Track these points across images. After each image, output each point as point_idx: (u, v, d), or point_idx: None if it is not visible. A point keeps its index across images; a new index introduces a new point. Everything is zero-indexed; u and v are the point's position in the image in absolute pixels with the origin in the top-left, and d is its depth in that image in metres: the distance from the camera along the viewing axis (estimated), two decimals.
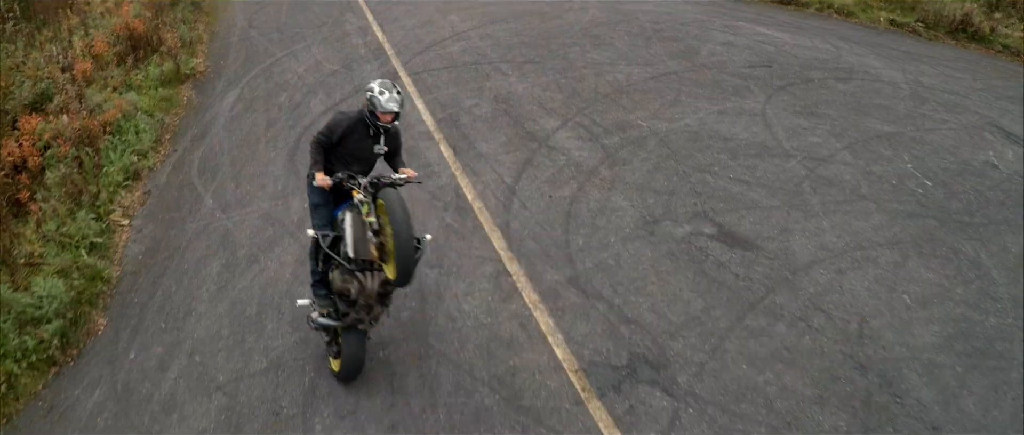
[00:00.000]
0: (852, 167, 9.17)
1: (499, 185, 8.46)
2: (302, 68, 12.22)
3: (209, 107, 11.31)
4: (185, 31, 13.55)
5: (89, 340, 7.03)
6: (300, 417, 5.61)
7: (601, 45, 12.61)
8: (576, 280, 6.94)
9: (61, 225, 8.04)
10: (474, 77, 11.33)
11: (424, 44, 12.83)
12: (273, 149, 9.74)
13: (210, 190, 9.02)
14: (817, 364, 6.07)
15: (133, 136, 10.05)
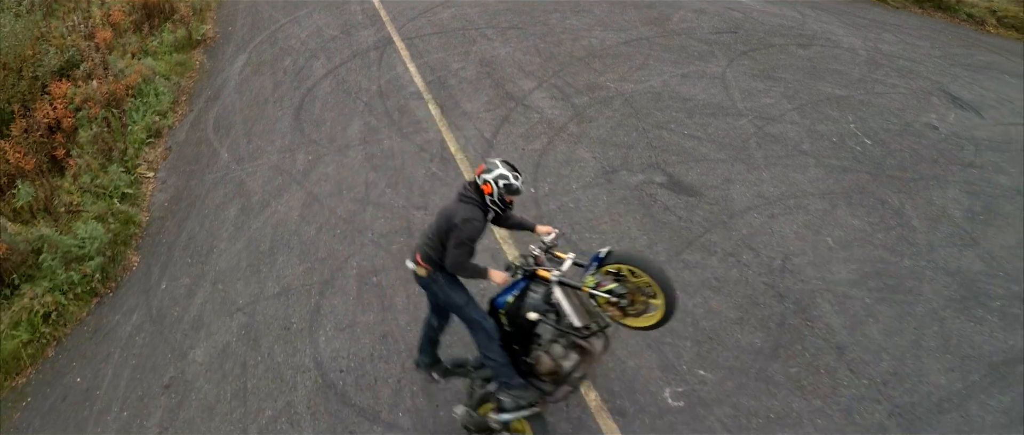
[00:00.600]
0: (798, 126, 10.17)
1: (479, 139, 9.52)
2: (305, 33, 13.19)
3: (220, 71, 12.32)
4: (198, 2, 14.53)
5: (125, 275, 8.18)
6: (307, 330, 6.77)
7: (580, 11, 13.54)
8: (540, 220, 8.05)
9: (95, 178, 9.15)
10: (461, 42, 12.31)
11: (417, 10, 13.77)
12: (280, 108, 10.78)
13: (225, 145, 10.10)
14: (741, 292, 7.18)
15: (153, 98, 11.10)
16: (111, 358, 7.06)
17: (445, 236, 5.26)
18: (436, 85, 10.91)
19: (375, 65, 11.63)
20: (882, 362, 6.56)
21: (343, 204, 8.48)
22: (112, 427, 6.36)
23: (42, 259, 7.76)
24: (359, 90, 10.94)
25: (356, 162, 9.23)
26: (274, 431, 5.85)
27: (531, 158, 9.07)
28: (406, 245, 7.68)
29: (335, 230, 8.07)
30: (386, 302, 6.96)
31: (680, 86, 10.86)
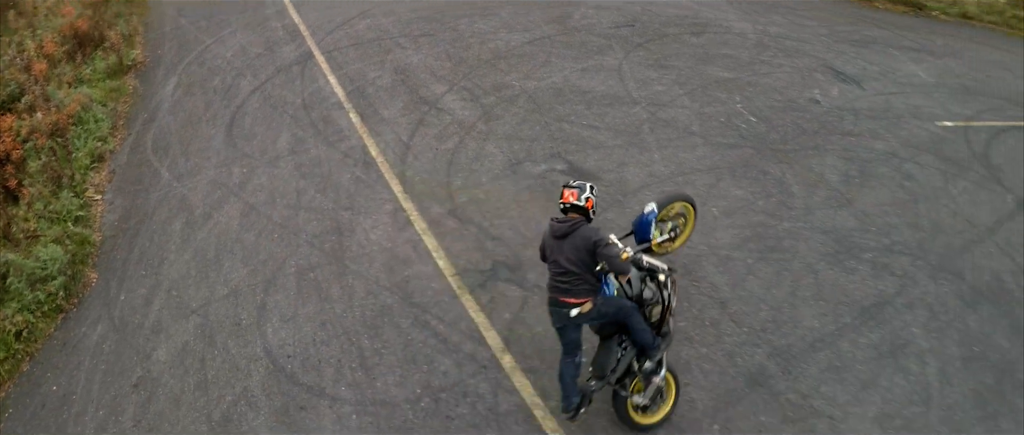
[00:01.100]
0: (688, 110, 11.33)
1: (397, 143, 10.43)
2: (230, 53, 13.81)
3: (153, 94, 12.87)
4: (123, 25, 14.93)
5: (86, 291, 8.85)
6: (255, 325, 7.62)
7: (487, 15, 14.49)
8: (454, 211, 9.02)
9: (48, 204, 9.74)
10: (377, 52, 13.14)
11: (335, 24, 14.52)
12: (213, 126, 11.47)
13: (165, 164, 10.76)
14: None
15: (93, 124, 11.63)
16: (82, 366, 7.78)
17: (591, 260, 5.64)
18: (355, 94, 11.75)
19: (298, 79, 12.39)
20: (761, 312, 7.72)
21: (278, 211, 9.30)
22: (90, 426, 7.12)
23: (9, 283, 8.39)
24: (285, 104, 11.70)
25: (287, 172, 10.04)
26: (235, 413, 6.72)
27: (444, 157, 10.03)
28: (338, 244, 8.58)
29: (272, 235, 8.89)
30: (323, 294, 7.87)
31: (580, 80, 11.94)
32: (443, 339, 7.26)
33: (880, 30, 15.05)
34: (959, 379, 7.01)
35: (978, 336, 7.55)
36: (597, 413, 6.43)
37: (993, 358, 7.26)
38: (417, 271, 8.14)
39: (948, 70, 13.60)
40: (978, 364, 7.21)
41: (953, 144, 10.96)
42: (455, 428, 6.35)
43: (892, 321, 7.62)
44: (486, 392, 6.70)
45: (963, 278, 8.31)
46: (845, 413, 6.58)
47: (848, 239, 8.73)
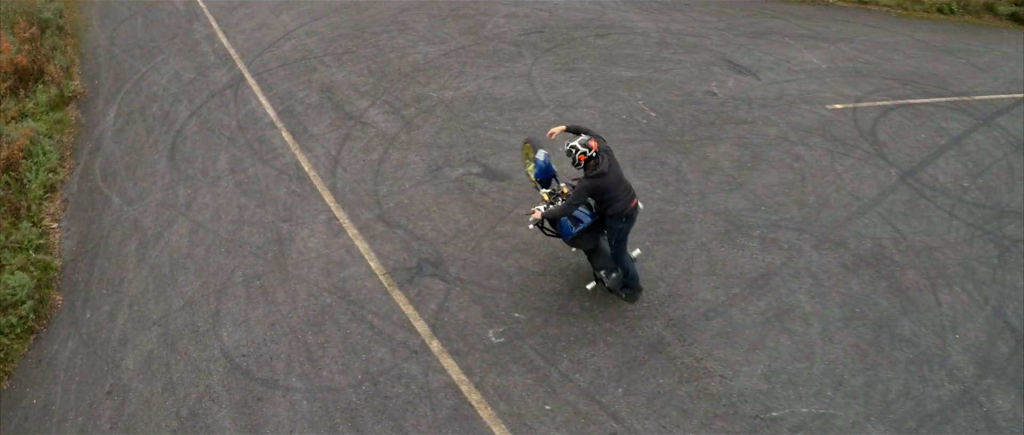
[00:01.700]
0: (593, 109, 12.35)
1: (327, 157, 11.23)
2: (165, 80, 14.26)
3: (96, 124, 13.29)
4: (60, 57, 15.20)
5: (53, 312, 9.43)
6: (212, 330, 8.41)
7: (405, 29, 15.29)
8: (382, 217, 9.92)
9: (9, 235, 10.26)
10: (303, 71, 13.83)
11: (262, 46, 15.09)
12: (155, 151, 12.03)
13: (114, 190, 11.31)
14: (543, 251, 9.29)
15: (42, 156, 12.05)
16: (58, 379, 8.44)
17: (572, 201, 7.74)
18: (286, 114, 12.46)
19: (232, 102, 13.01)
20: (659, 289, 8.74)
21: (223, 226, 10.03)
22: (71, 432, 7.84)
23: None
24: (221, 126, 12.34)
25: (228, 190, 10.75)
26: (200, 409, 7.53)
27: (371, 167, 10.89)
28: (280, 253, 9.39)
29: (220, 248, 9.63)
30: (269, 299, 8.69)
31: (492, 88, 12.88)
32: (378, 331, 8.19)
33: (778, 20, 16.24)
34: (840, 337, 8.14)
35: (859, 298, 8.73)
36: (512, 373, 7.50)
37: (873, 316, 8.41)
38: (352, 272, 9.03)
39: (841, 55, 14.91)
40: (858, 322, 8.36)
41: (841, 125, 12.27)
42: (393, 406, 7.31)
43: (778, 289, 8.76)
44: (418, 373, 7.67)
45: (846, 247, 9.54)
46: (735, 372, 7.70)
47: (739, 219, 9.91)
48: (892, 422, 7.30)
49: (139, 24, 17.04)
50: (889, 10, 17.57)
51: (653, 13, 15.86)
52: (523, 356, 7.83)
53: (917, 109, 12.86)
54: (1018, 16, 17.72)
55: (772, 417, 7.31)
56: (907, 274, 9.24)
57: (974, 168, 11.51)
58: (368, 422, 7.16)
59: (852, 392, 7.60)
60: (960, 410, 7.53)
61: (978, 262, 9.59)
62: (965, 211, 10.52)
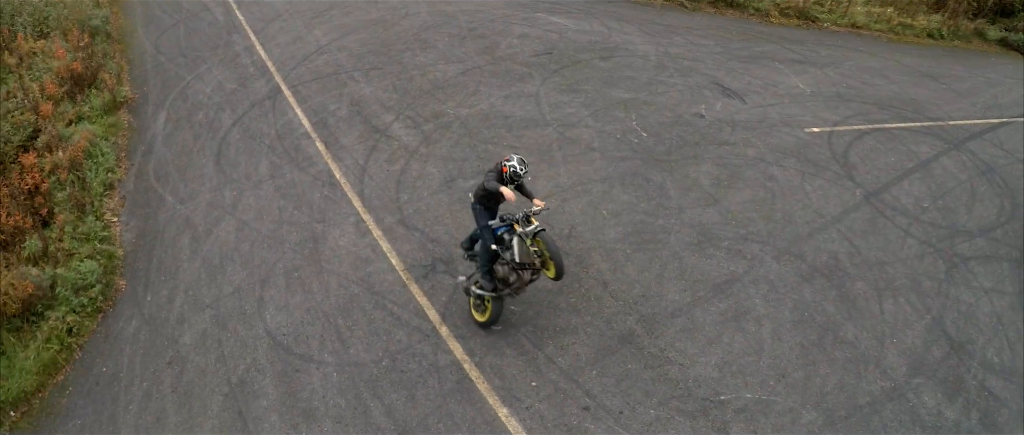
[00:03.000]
0: (591, 129, 13.96)
1: (355, 166, 12.96)
2: (209, 89, 16.07)
3: (146, 128, 15.11)
4: (111, 64, 17.05)
5: (118, 295, 11.21)
6: (257, 313, 10.11)
7: (427, 48, 17.00)
8: (403, 220, 11.61)
9: (76, 227, 12.06)
10: (335, 85, 15.59)
11: (297, 59, 16.86)
12: (203, 156, 13.81)
13: (167, 190, 13.10)
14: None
15: (100, 157, 13.87)
16: (124, 351, 10.19)
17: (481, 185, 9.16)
18: (319, 125, 14.20)
19: (271, 113, 14.77)
20: (634, 289, 10.37)
21: (265, 225, 11.77)
22: (137, 394, 9.56)
23: (58, 292, 10.76)
24: (261, 135, 14.10)
25: (269, 193, 12.50)
26: (248, 378, 9.23)
27: (394, 177, 12.60)
28: (314, 250, 11.12)
29: (263, 244, 11.36)
30: (305, 288, 10.40)
31: (503, 106, 14.55)
32: (397, 317, 9.87)
33: (771, 45, 17.70)
34: (788, 337, 9.68)
35: (809, 304, 10.27)
36: (506, 355, 9.16)
37: (820, 321, 9.95)
38: (376, 267, 10.73)
39: (826, 79, 16.39)
40: (806, 325, 9.90)
41: (816, 148, 13.81)
42: (407, 379, 8.98)
43: (738, 294, 10.33)
44: (428, 352, 9.34)
45: (804, 259, 11.10)
46: (692, 362, 9.27)
47: (710, 231, 11.51)
48: (825, 410, 8.85)
49: (182, 33, 18.82)
50: (881, 35, 18.97)
51: (655, 36, 17.37)
52: (516, 341, 9.48)
53: (891, 133, 14.37)
54: (1007, 41, 19.08)
55: (720, 400, 8.89)
56: (857, 285, 10.79)
57: (937, 190, 13.03)
58: (387, 390, 8.84)
59: (793, 383, 9.16)
60: (888, 404, 9.06)
61: (925, 276, 11.13)
62: (920, 229, 12.05)
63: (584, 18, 18.54)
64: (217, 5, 19.85)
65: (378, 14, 19.02)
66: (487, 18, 18.56)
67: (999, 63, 18.32)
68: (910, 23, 18.47)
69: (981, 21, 18.90)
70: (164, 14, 19.68)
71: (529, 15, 18.72)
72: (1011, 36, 18.90)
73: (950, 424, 8.90)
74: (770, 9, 18.87)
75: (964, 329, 10.29)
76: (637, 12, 19.23)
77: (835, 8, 18.77)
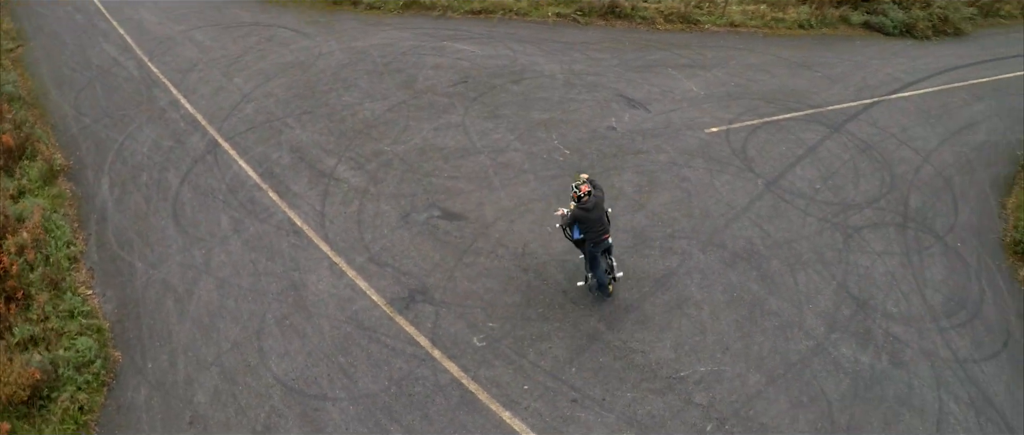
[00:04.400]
0: (520, 151, 15.76)
1: (313, 212, 14.26)
2: (145, 148, 16.74)
3: (93, 196, 15.63)
4: (39, 132, 17.30)
5: (116, 367, 12.07)
6: (261, 363, 11.35)
7: (350, 87, 18.29)
8: (372, 259, 13.08)
9: (56, 305, 12.83)
10: (271, 134, 16.67)
11: (225, 110, 17.73)
12: (160, 218, 14.66)
13: (134, 256, 13.94)
14: (502, 273, 12.67)
15: (56, 230, 14.52)
16: (141, 420, 11.16)
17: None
18: (267, 176, 15.34)
19: (215, 167, 15.74)
20: (590, 294, 12.33)
21: (243, 279, 12.95)
22: None
23: (61, 372, 11.63)
24: (213, 191, 15.10)
25: (237, 248, 13.64)
26: (271, 423, 10.54)
27: (352, 218, 14.02)
28: (298, 297, 12.44)
29: (247, 298, 12.57)
30: (300, 334, 11.76)
31: (435, 139, 16.14)
32: (391, 348, 11.43)
33: (661, 52, 20.00)
34: (724, 315, 11.96)
35: (736, 286, 12.57)
36: (496, 366, 10.93)
37: (748, 298, 12.31)
38: (360, 305, 12.21)
39: (716, 80, 18.82)
40: (737, 304, 12.20)
41: (718, 146, 16.17)
42: (416, 401, 10.58)
43: (676, 285, 12.52)
44: (429, 375, 10.98)
45: (725, 247, 13.39)
46: (651, 348, 11.35)
47: (643, 233, 13.62)
48: (766, 371, 11.14)
49: (99, 91, 19.02)
50: (756, 30, 21.75)
51: (556, 55, 19.39)
52: (501, 353, 11.27)
53: (780, 125, 16.98)
54: (869, 24, 22.27)
55: (681, 376, 11.03)
56: (772, 263, 13.20)
57: (825, 171, 15.68)
58: (401, 413, 10.43)
59: (736, 353, 11.41)
60: (814, 359, 11.45)
61: (827, 248, 13.67)
62: (817, 208, 14.63)
63: (488, 43, 20.27)
64: (129, 59, 20.27)
65: (292, 57, 20.03)
66: (398, 51, 19.98)
67: (864, 46, 21.46)
68: (782, 17, 21.24)
69: (845, 8, 21.96)
70: (74, 72, 19.91)
71: (437, 45, 20.28)
72: (872, 19, 22.08)
73: (866, 368, 11.38)
74: (655, 17, 21.19)
75: (865, 288, 12.88)
76: (534, 32, 21.13)
77: (714, 10, 21.28)
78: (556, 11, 21.66)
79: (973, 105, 18.62)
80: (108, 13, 23.15)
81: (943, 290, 13.21)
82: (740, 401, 10.77)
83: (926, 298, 12.97)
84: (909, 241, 14.22)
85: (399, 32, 21.20)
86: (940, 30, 22.01)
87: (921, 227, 14.60)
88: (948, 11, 22.16)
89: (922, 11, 21.88)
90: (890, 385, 11.21)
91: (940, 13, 22.00)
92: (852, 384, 11.15)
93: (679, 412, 10.58)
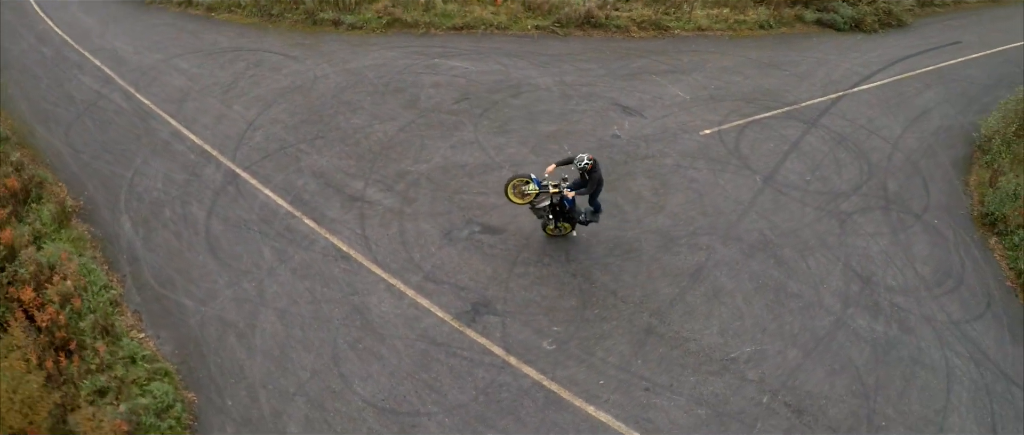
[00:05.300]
0: (538, 164, 16.51)
1: (355, 235, 14.74)
2: (158, 183, 16.62)
3: (116, 236, 15.47)
4: (42, 173, 16.83)
5: (193, 407, 12.29)
6: (346, 387, 11.85)
7: (355, 109, 18.66)
8: (427, 277, 13.71)
9: (115, 353, 12.85)
10: (289, 161, 16.92)
11: (234, 139, 17.77)
12: (197, 253, 14.75)
13: (180, 294, 14.04)
14: (554, 280, 13.60)
15: (89, 275, 14.43)
16: None
17: None
18: (297, 203, 15.66)
19: (240, 198, 15.90)
20: (637, 292, 13.34)
21: (302, 308, 13.33)
22: None
23: (143, 421, 11.77)
24: (245, 222, 15.29)
25: (287, 278, 13.97)
26: None
27: (396, 239, 14.57)
28: (364, 320, 12.95)
29: (312, 326, 12.97)
30: (377, 356, 12.30)
31: (454, 156, 16.80)
32: (469, 359, 12.16)
33: (642, 59, 21.19)
34: (755, 300, 13.33)
35: (759, 273, 13.92)
36: (569, 366, 11.83)
37: (771, 284, 13.71)
38: (428, 323, 12.85)
39: (697, 84, 20.16)
40: (764, 290, 13.57)
41: (714, 147, 17.46)
42: (506, 406, 11.37)
43: (708, 277, 13.78)
44: (511, 381, 11.79)
45: (742, 240, 14.69)
46: (701, 335, 12.58)
47: (668, 233, 14.76)
48: (800, 346, 12.53)
49: (91, 126, 18.48)
50: (722, 33, 23.32)
51: (547, 68, 20.37)
52: (572, 354, 12.22)
53: (763, 123, 18.45)
54: (822, 21, 24.20)
55: (731, 357, 12.28)
56: (784, 251, 14.59)
57: (811, 164, 17.21)
58: (495, 420, 11.22)
59: (772, 333, 12.75)
60: (838, 332, 12.91)
61: (827, 234, 15.16)
62: (811, 198, 16.12)
63: (478, 59, 20.98)
64: (113, 91, 19.90)
65: (288, 81, 20.15)
66: (393, 71, 20.43)
67: (820, 42, 23.40)
68: (743, 19, 22.81)
69: (798, 7, 23.78)
70: (56, 108, 19.39)
71: (429, 62, 20.84)
72: (824, 16, 24.02)
73: (881, 335, 12.93)
74: (629, 25, 22.44)
75: (866, 266, 14.44)
76: (519, 46, 21.96)
77: (681, 16, 22.67)
78: (535, 23, 22.52)
79: (924, 93, 20.67)
80: (76, 44, 22.54)
81: (930, 263, 14.92)
82: (785, 374, 12.15)
83: (917, 270, 14.65)
84: (894, 221, 15.90)
85: (388, 51, 21.58)
86: (885, 23, 24.21)
87: (902, 208, 16.31)
88: (891, 4, 24.32)
89: (868, 6, 23.96)
90: (903, 348, 12.84)
91: (884, 7, 24.17)
92: (872, 350, 12.72)
93: (738, 389, 11.83)
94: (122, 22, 24.07)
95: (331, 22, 22.37)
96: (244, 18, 23.48)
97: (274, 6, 23.09)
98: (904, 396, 12.05)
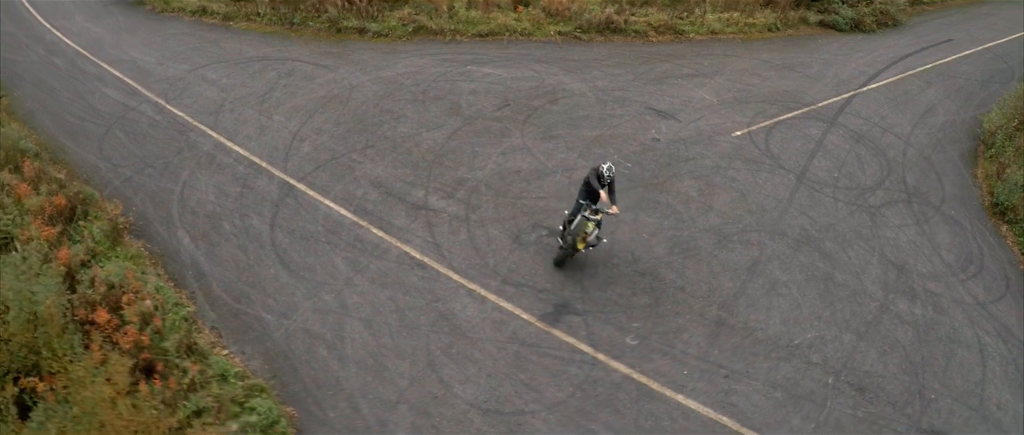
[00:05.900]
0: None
1: (428, 243, 15.17)
2: (211, 196, 16.70)
3: (175, 252, 15.48)
4: (87, 190, 16.63)
5: (295, 422, 12.48)
6: (448, 393, 12.32)
7: (399, 117, 18.99)
8: (506, 280, 14.25)
9: (204, 371, 13.01)
10: (343, 171, 17.21)
11: (281, 150, 17.94)
12: (266, 267, 14.97)
13: (258, 308, 14.25)
14: (623, 279, 14.31)
15: (156, 292, 14.50)
16: None
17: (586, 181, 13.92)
18: (362, 212, 16.00)
19: (301, 210, 16.15)
20: (702, 287, 14.14)
21: (388, 316, 13.72)
22: None
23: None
24: (310, 233, 15.57)
25: (365, 287, 14.34)
26: None
27: (467, 245, 15.07)
28: (452, 326, 13.42)
29: (401, 334, 13.36)
30: (472, 360, 12.78)
31: (507, 163, 17.33)
32: (560, 358, 12.79)
33: (665, 63, 22.03)
34: (807, 290, 14.29)
35: (807, 265, 14.87)
36: (654, 359, 12.57)
37: (819, 275, 14.70)
38: (515, 326, 13.40)
39: (721, 87, 21.09)
40: (813, 280, 14.55)
41: (747, 148, 18.37)
42: (603, 399, 12.04)
43: (763, 270, 14.68)
44: (603, 376, 12.47)
45: (787, 235, 15.62)
46: (766, 324, 13.49)
47: (721, 231, 15.60)
48: (853, 330, 13.62)
49: (125, 140, 18.39)
50: (734, 37, 24.35)
51: (578, 73, 21.08)
52: (654, 347, 13.00)
53: (787, 123, 19.47)
54: (824, 22, 25.49)
55: (796, 344, 13.26)
56: (826, 244, 15.60)
57: (837, 161, 18.28)
58: (595, 414, 11.90)
59: (827, 320, 13.77)
60: (883, 316, 13.98)
61: (860, 226, 16.22)
62: (842, 194, 17.17)
63: (510, 65, 21.50)
64: (141, 103, 19.78)
65: (324, 91, 20.34)
66: (429, 79, 20.79)
67: (825, 43, 24.69)
68: (752, 22, 23.83)
69: (802, 9, 24.98)
70: (83, 121, 19.21)
71: (461, 70, 21.28)
72: (826, 17, 25.32)
73: (920, 318, 14.12)
74: (647, 30, 23.27)
75: (899, 255, 15.57)
76: (547, 52, 22.58)
77: (695, 21, 23.59)
78: (558, 29, 23.08)
79: (927, 91, 22.04)
80: (91, 55, 22.28)
81: (953, 250, 16.13)
82: (844, 356, 13.20)
83: (943, 258, 15.84)
84: (917, 213, 17.07)
85: (419, 59, 21.91)
86: (882, 23, 25.66)
87: (921, 201, 17.51)
88: (887, 4, 25.74)
89: (867, 7, 25.30)
90: (941, 329, 14.05)
91: (881, 8, 25.56)
92: (915, 331, 13.87)
93: (805, 372, 12.80)
94: (136, 32, 23.85)
95: (355, 30, 22.59)
96: (264, 26, 23.51)
97: (295, 14, 23.16)
98: (947, 371, 13.19)
